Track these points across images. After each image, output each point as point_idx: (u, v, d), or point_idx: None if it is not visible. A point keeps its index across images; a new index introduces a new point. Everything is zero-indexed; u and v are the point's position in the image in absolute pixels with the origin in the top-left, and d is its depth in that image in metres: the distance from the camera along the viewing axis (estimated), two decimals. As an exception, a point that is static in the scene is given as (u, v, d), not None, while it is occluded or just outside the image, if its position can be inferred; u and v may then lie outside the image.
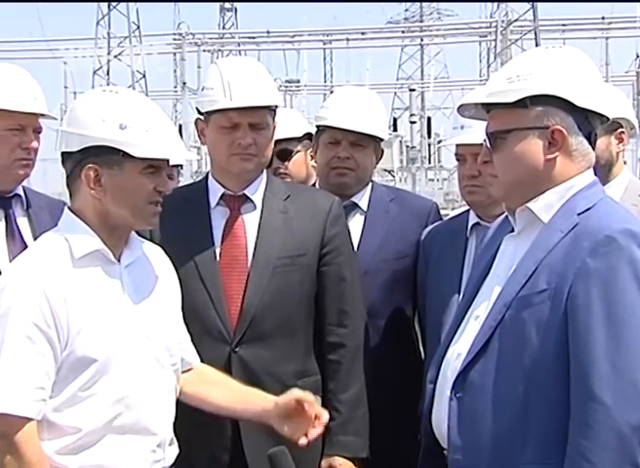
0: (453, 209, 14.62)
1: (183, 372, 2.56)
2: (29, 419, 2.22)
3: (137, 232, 2.48)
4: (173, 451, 2.46)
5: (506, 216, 2.32)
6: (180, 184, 4.50)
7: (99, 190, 2.33)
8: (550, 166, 2.18)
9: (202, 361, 2.65)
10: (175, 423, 2.46)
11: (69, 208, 2.40)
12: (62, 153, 2.40)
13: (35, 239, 2.92)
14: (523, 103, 2.16)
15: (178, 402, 2.49)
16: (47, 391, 2.25)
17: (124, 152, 2.30)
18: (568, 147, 2.18)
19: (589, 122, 2.19)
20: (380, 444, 3.03)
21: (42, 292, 2.25)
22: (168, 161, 2.40)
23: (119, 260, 2.39)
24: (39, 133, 3.04)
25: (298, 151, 3.79)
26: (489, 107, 2.25)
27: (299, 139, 3.77)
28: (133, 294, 2.38)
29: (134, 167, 2.32)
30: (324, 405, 2.91)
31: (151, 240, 2.64)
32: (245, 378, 2.79)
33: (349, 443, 2.92)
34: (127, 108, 2.34)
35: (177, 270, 2.60)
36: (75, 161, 2.35)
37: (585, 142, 2.20)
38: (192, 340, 2.62)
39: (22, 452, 2.20)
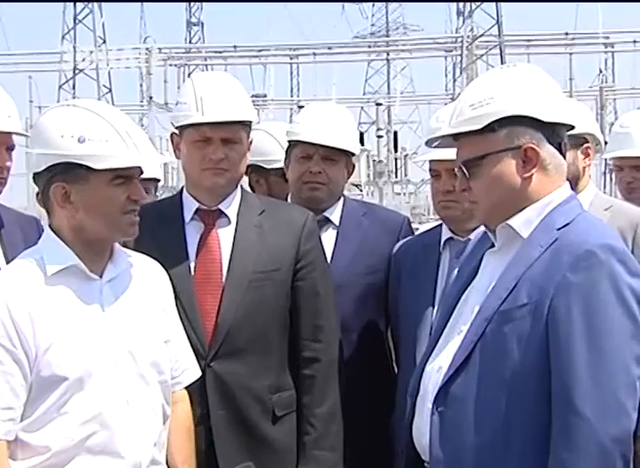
0: (420, 223, 14.65)
1: (175, 393, 2.54)
2: None
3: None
4: None
5: (486, 231, 2.33)
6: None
7: (69, 208, 2.31)
8: (527, 184, 2.20)
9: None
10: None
11: (49, 225, 2.38)
12: (33, 173, 2.37)
13: (6, 256, 2.91)
14: (491, 128, 2.18)
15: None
16: (16, 411, 2.22)
17: (87, 166, 2.26)
18: (542, 162, 2.20)
19: (557, 133, 2.22)
20: (353, 457, 3.03)
21: (6, 310, 2.22)
22: (140, 168, 2.37)
23: (102, 275, 2.37)
24: (12, 150, 3.01)
25: None
26: (457, 136, 2.26)
27: None
28: (114, 310, 2.36)
29: (100, 179, 2.29)
30: (298, 419, 2.93)
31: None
32: (220, 393, 2.80)
33: (324, 457, 2.91)
34: (84, 120, 2.30)
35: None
36: (44, 180, 2.33)
37: (557, 153, 2.22)
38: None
39: None
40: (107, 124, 2.31)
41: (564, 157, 2.25)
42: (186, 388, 2.61)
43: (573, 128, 2.29)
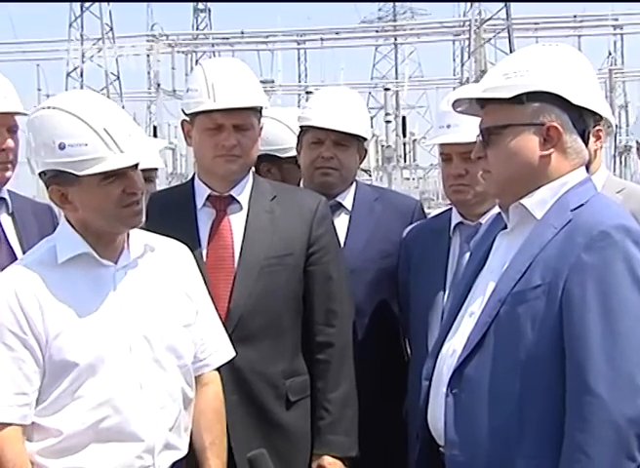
0: (429, 207, 14.65)
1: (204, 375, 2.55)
2: (9, 424, 2.23)
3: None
4: (168, 457, 2.40)
5: (499, 213, 2.33)
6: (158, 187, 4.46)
7: (70, 207, 2.33)
8: (545, 162, 2.19)
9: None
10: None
11: (65, 216, 2.40)
12: None
13: (21, 243, 2.92)
14: (519, 99, 2.17)
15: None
16: (30, 396, 2.25)
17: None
18: (562, 144, 2.19)
19: (584, 120, 2.21)
20: (368, 441, 3.02)
21: (14, 298, 2.25)
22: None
23: (117, 262, 2.38)
24: (15, 131, 2.98)
25: None
26: (484, 103, 2.26)
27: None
28: (128, 295, 2.37)
29: (90, 181, 2.28)
30: (313, 404, 2.94)
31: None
32: (233, 378, 2.80)
33: (339, 442, 2.92)
34: (62, 125, 2.26)
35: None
36: (44, 182, 2.34)
37: (579, 140, 2.21)
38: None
39: (2, 455, 2.22)
40: (85, 126, 2.25)
41: (586, 145, 2.24)
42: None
43: (601, 118, 2.27)
